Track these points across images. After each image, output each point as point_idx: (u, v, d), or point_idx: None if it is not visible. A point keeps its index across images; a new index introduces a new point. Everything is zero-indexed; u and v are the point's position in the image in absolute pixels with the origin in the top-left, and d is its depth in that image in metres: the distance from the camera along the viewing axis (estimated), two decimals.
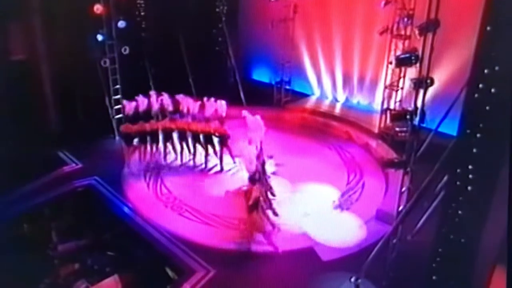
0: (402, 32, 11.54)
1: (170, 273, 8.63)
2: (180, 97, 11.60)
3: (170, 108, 11.51)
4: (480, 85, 4.99)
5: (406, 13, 11.05)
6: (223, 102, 11.34)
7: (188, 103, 11.45)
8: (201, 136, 11.30)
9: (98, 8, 11.87)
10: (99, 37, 12.17)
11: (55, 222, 9.87)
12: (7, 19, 11.38)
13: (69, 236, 9.60)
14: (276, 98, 15.18)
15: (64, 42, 11.92)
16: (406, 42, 11.48)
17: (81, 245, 9.47)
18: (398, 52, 11.62)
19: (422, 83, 6.84)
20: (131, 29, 13.00)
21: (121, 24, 12.39)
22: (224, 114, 11.19)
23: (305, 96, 15.57)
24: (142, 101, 11.46)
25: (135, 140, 11.44)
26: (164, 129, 11.44)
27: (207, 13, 15.03)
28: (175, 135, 11.51)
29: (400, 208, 7.62)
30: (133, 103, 11.43)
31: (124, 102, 11.75)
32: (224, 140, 11.12)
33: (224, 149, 11.30)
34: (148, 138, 11.43)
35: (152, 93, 11.77)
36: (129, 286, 8.47)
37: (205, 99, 11.44)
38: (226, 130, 11.09)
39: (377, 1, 11.64)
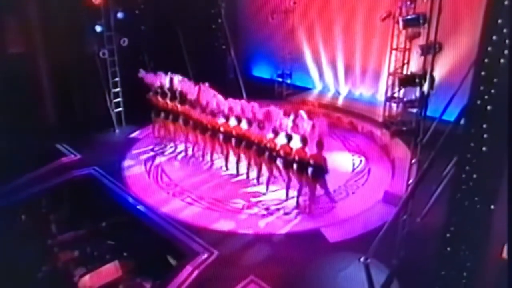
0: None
1: (171, 260, 8.35)
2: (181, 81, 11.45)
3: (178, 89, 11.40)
4: (494, 37, 4.79)
5: None
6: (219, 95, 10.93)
7: (188, 88, 11.20)
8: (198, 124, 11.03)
9: None
10: (98, 28, 12.00)
11: (54, 211, 9.59)
12: (4, 11, 11.25)
13: (69, 225, 9.31)
14: (278, 91, 15.02)
15: (62, 34, 11.78)
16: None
17: (80, 234, 9.17)
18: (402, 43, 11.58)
19: (430, 48, 6.64)
20: (130, 22, 12.86)
21: (120, 15, 12.26)
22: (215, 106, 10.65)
23: (307, 90, 15.36)
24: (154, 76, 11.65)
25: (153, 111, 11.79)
26: (172, 110, 11.37)
27: (206, 8, 14.88)
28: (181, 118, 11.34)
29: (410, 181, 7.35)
30: (150, 76, 11.69)
31: (142, 71, 11.85)
32: (214, 133, 10.63)
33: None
34: (162, 114, 11.57)
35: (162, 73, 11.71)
36: (130, 272, 8.15)
37: (197, 87, 11.15)
38: (217, 123, 10.54)
39: None
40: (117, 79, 12.64)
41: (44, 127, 11.81)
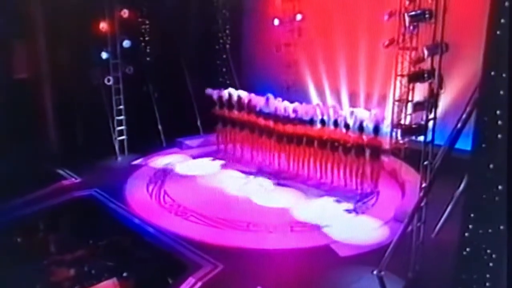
0: (408, 44, 11.43)
1: (171, 281, 7.93)
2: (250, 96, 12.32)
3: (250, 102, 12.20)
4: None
5: None
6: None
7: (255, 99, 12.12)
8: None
9: (103, 26, 11.92)
10: (104, 55, 12.10)
11: (52, 230, 9.25)
12: (11, 38, 11.37)
13: (67, 245, 8.93)
14: None
15: (67, 59, 11.88)
16: (413, 53, 11.35)
17: (78, 254, 8.78)
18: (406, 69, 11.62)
19: (437, 48, 6.58)
20: (135, 51, 13.00)
21: (126, 43, 12.41)
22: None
23: None
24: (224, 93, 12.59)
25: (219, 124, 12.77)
26: (242, 119, 12.26)
27: (211, 43, 15.13)
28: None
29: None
30: (216, 91, 12.59)
31: (209, 90, 12.65)
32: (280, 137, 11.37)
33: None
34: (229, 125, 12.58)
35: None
36: None
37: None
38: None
39: (380, 14, 11.68)
40: (121, 106, 12.60)
41: (45, 153, 11.62)
